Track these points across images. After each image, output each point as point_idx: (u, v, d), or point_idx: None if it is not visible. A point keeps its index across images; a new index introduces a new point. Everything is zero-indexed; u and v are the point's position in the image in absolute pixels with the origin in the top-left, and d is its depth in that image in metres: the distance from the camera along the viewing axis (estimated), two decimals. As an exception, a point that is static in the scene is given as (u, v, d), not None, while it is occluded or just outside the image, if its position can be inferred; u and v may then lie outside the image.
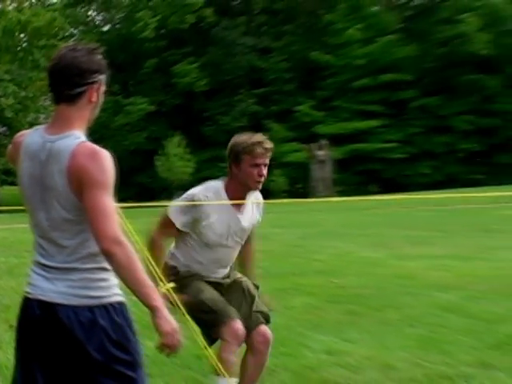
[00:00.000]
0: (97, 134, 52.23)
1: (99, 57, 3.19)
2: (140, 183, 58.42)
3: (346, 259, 13.40)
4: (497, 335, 7.04)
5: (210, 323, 4.57)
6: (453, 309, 8.42)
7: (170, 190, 47.28)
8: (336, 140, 52.20)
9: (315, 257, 13.20)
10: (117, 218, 3.02)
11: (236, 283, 4.84)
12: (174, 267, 4.76)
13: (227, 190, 4.80)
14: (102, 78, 3.19)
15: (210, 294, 4.65)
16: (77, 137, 3.08)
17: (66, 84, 3.10)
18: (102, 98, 3.24)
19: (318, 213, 28.42)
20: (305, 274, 10.89)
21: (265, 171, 4.75)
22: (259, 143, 4.72)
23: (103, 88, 3.22)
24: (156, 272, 3.95)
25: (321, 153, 47.72)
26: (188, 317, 3.96)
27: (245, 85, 62.53)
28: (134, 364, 3.14)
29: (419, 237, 17.54)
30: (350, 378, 5.79)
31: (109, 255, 2.95)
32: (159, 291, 3.61)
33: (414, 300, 9.10)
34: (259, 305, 4.82)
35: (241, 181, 4.76)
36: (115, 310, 3.12)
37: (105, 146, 3.15)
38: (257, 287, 4.94)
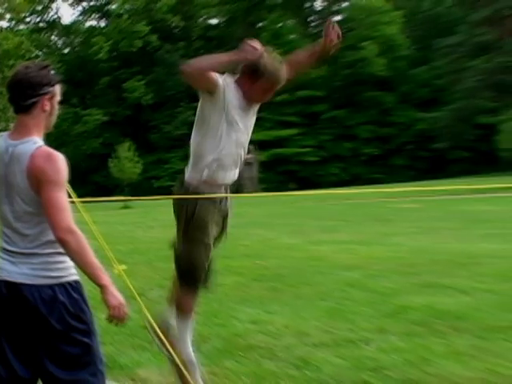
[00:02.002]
0: (59, 140, 51.79)
1: (49, 72, 3.15)
2: (96, 182, 57.79)
3: (269, 245, 13.42)
4: (391, 306, 7.11)
5: (184, 274, 4.36)
6: (355, 285, 8.46)
7: (122, 188, 46.84)
8: (261, 145, 52.23)
9: (243, 242, 13.18)
10: (70, 210, 3.01)
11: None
12: (188, 186, 4.30)
13: (239, 84, 4.26)
14: (53, 89, 3.14)
15: (204, 256, 4.32)
16: (35, 142, 3.07)
17: (20, 96, 3.09)
18: (56, 107, 3.20)
19: (245, 206, 28.44)
20: (234, 257, 10.86)
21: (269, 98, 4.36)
22: (282, 79, 4.25)
23: (57, 98, 3.18)
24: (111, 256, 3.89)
25: (248, 156, 47.63)
26: (137, 297, 3.91)
27: (184, 99, 62.18)
28: (89, 332, 3.14)
29: (329, 226, 17.65)
30: (271, 343, 5.80)
31: (63, 242, 2.95)
32: (117, 269, 3.60)
33: (324, 278, 9.13)
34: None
35: (246, 90, 4.26)
36: (72, 288, 3.12)
37: (65, 151, 3.14)
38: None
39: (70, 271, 3.13)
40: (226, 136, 4.27)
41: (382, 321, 6.48)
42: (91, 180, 57.33)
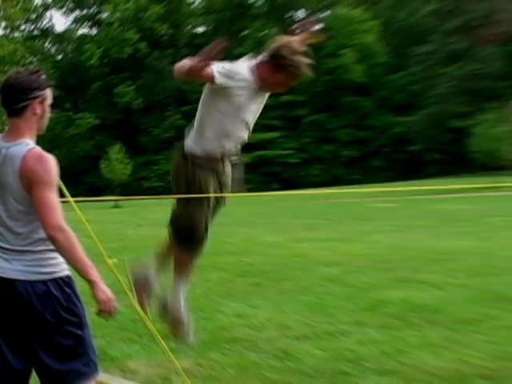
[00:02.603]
0: (52, 142, 51.56)
1: (39, 76, 3.13)
2: (88, 182, 57.61)
3: (253, 242, 13.40)
4: (368, 300, 7.13)
5: (185, 235, 4.21)
6: (335, 280, 8.47)
7: (113, 188, 46.73)
8: (246, 148, 51.96)
9: (228, 240, 13.19)
10: (60, 209, 3.00)
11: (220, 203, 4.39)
12: (194, 153, 4.10)
13: (253, 72, 3.99)
14: (43, 93, 3.12)
15: (204, 216, 4.18)
16: (27, 144, 3.06)
17: (12, 100, 3.08)
18: (47, 110, 3.18)
19: (230, 205, 28.34)
20: (220, 254, 10.85)
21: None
22: (303, 75, 3.95)
23: (48, 102, 3.16)
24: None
25: (234, 158, 47.68)
26: (130, 291, 3.88)
27: (172, 103, 62.23)
28: (81, 324, 3.14)
29: (310, 224, 17.67)
30: (254, 336, 5.80)
31: (53, 240, 2.94)
32: (111, 262, 3.58)
33: (306, 274, 9.13)
34: None
35: (264, 78, 3.98)
36: (64, 283, 3.12)
37: (58, 153, 3.14)
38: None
39: (61, 267, 3.13)
40: (229, 120, 4.10)
41: (359, 314, 6.49)
42: (83, 180, 57.15)
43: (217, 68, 3.88)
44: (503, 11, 48.47)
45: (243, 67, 4.04)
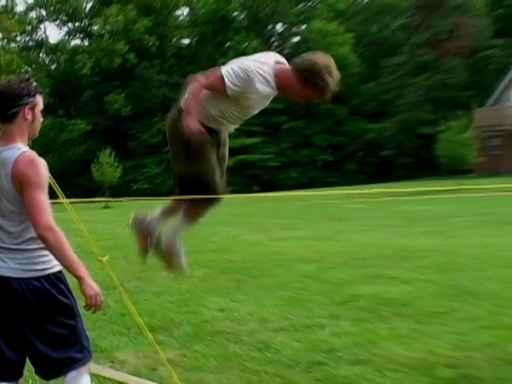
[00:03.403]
0: (46, 147, 51.22)
1: (30, 84, 3.12)
2: (80, 185, 57.16)
3: (235, 241, 13.38)
4: (342, 295, 7.16)
5: (195, 189, 3.94)
6: (312, 276, 8.49)
7: (103, 190, 46.42)
8: (228, 152, 52.05)
9: (211, 239, 13.16)
10: (49, 210, 2.99)
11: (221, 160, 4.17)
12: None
13: (277, 75, 3.72)
14: (33, 99, 3.11)
15: (210, 168, 3.95)
16: (19, 148, 3.06)
17: (3, 107, 3.08)
18: (38, 116, 3.16)
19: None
20: (204, 252, 10.83)
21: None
22: (329, 93, 3.76)
23: (39, 108, 3.15)
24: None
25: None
26: (121, 287, 3.86)
27: (160, 110, 61.87)
28: (73, 315, 3.17)
29: (288, 224, 17.66)
30: (236, 329, 5.81)
31: (43, 239, 2.95)
32: (104, 259, 3.58)
33: (284, 270, 9.15)
34: None
35: (289, 85, 3.72)
36: (56, 278, 3.14)
37: (52, 156, 3.13)
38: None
39: (53, 263, 3.13)
40: (234, 111, 3.89)
41: (334, 308, 6.52)
42: (76, 183, 56.72)
43: (229, 78, 3.66)
44: (466, 26, 48.91)
45: (259, 73, 3.72)
